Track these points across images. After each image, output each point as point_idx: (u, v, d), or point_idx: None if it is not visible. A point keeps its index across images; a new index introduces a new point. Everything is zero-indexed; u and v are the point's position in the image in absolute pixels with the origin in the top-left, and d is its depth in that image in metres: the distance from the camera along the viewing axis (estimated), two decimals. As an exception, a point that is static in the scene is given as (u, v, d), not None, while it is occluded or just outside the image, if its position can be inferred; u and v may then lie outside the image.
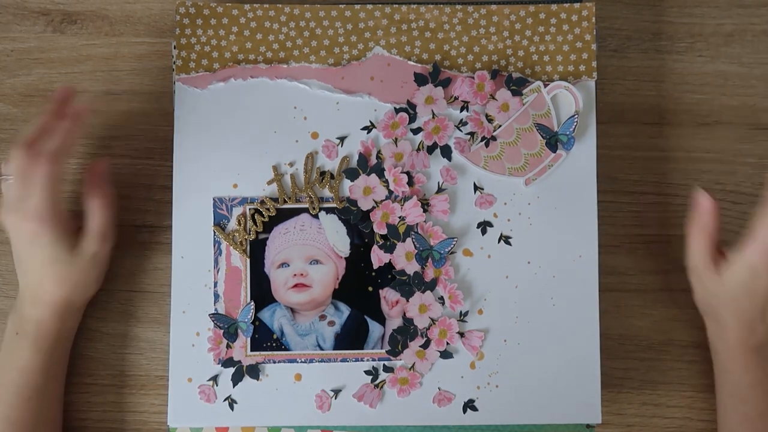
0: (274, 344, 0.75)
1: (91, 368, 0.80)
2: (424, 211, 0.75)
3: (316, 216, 0.76)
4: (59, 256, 0.73)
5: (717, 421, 0.77)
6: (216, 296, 0.75)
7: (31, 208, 0.71)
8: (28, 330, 0.74)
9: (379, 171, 0.76)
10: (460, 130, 0.76)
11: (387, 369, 0.75)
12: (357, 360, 0.75)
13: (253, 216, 0.75)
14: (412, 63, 0.77)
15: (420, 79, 0.76)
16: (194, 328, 0.75)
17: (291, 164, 0.76)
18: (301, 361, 0.75)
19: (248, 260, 0.75)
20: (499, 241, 0.76)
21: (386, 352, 0.75)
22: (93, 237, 0.74)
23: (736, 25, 0.82)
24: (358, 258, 0.76)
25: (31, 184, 0.70)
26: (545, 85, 0.76)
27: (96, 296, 0.79)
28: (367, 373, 0.75)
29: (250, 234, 0.75)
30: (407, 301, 0.75)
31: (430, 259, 0.75)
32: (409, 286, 0.75)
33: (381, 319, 0.76)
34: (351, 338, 0.75)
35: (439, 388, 0.75)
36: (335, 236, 0.76)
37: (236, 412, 0.75)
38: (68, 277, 0.74)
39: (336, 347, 0.75)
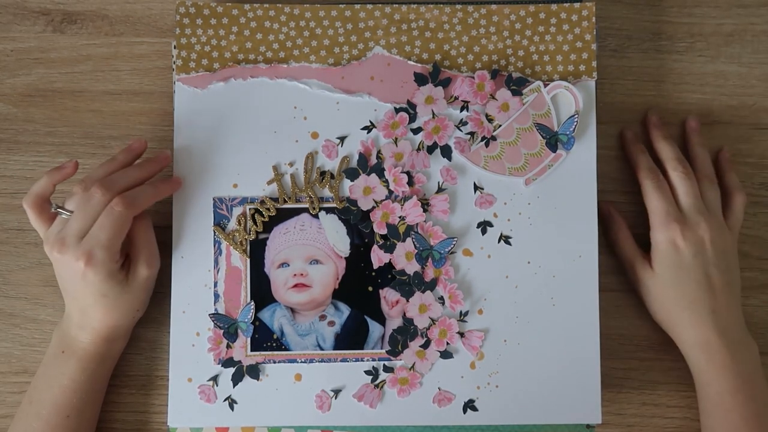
0: (274, 344, 0.75)
1: (91, 368, 0.80)
2: (424, 211, 0.75)
3: (316, 216, 0.76)
4: (110, 291, 0.72)
5: None
6: (216, 296, 0.75)
7: (88, 248, 0.69)
8: (74, 350, 0.74)
9: (379, 171, 0.76)
10: (460, 130, 0.76)
11: (387, 369, 0.75)
12: (357, 360, 0.75)
13: (253, 216, 0.75)
14: (412, 63, 0.77)
15: (420, 79, 0.76)
16: (194, 328, 0.75)
17: (291, 164, 0.76)
18: (301, 361, 0.75)
19: (248, 260, 0.75)
20: (499, 241, 0.76)
21: (386, 352, 0.75)
22: (143, 264, 0.73)
23: (736, 25, 0.82)
24: (358, 258, 0.76)
25: (96, 226, 0.69)
26: (545, 85, 0.76)
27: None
28: (367, 373, 0.75)
29: (250, 234, 0.75)
30: (407, 301, 0.75)
31: (430, 259, 0.75)
32: (409, 286, 0.75)
33: (381, 319, 0.76)
34: (351, 338, 0.75)
35: (439, 388, 0.75)
36: (335, 236, 0.76)
37: (236, 412, 0.75)
38: (118, 307, 0.73)
39: (336, 347, 0.75)
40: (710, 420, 0.74)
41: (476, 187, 0.76)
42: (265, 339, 0.75)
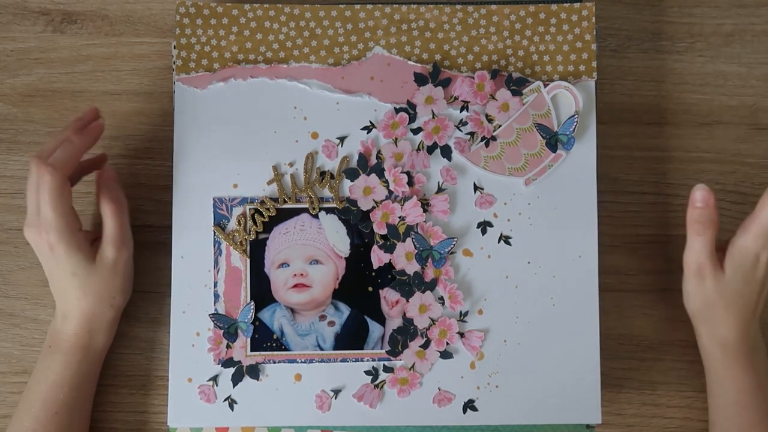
0: (274, 344, 0.75)
1: (91, 368, 0.80)
2: (424, 211, 0.75)
3: (316, 216, 0.76)
4: (77, 268, 0.72)
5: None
6: (216, 296, 0.75)
7: (43, 220, 0.70)
8: (59, 344, 0.75)
9: (379, 171, 0.76)
10: (460, 130, 0.76)
11: (387, 369, 0.75)
12: (357, 360, 0.75)
13: (253, 216, 0.75)
14: (412, 63, 0.77)
15: (420, 79, 0.76)
16: (194, 328, 0.75)
17: (291, 164, 0.76)
18: (301, 361, 0.75)
19: (248, 260, 0.75)
20: (499, 241, 0.76)
21: (386, 352, 0.75)
22: (108, 244, 0.74)
23: (736, 25, 0.82)
24: (358, 258, 0.76)
25: (41, 198, 0.70)
26: (545, 85, 0.76)
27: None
28: (367, 373, 0.75)
29: (250, 234, 0.75)
30: (407, 301, 0.75)
31: (430, 259, 0.75)
32: (409, 286, 0.75)
33: (381, 319, 0.76)
34: (351, 338, 0.75)
35: (439, 388, 0.75)
36: (335, 236, 0.76)
37: (236, 412, 0.75)
38: (89, 289, 0.73)
39: (336, 347, 0.75)
40: (722, 417, 0.74)
41: (476, 188, 0.76)
42: (265, 339, 0.75)
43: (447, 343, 0.75)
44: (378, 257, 0.75)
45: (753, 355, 0.74)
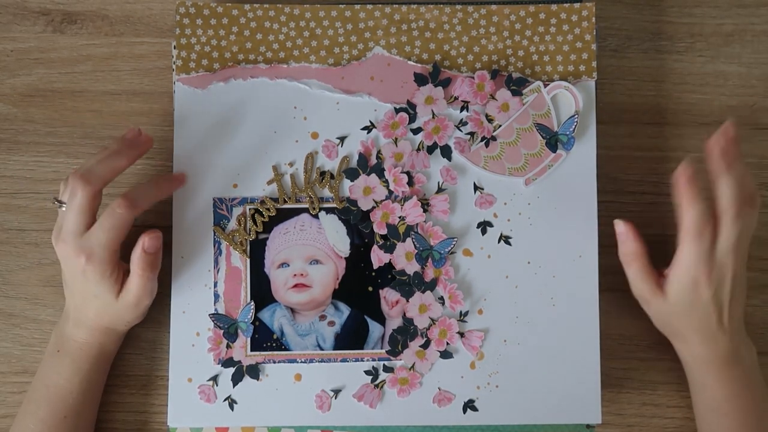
0: (274, 344, 0.75)
1: (91, 368, 0.80)
2: (424, 211, 0.75)
3: (316, 216, 0.76)
4: (103, 295, 0.72)
5: None
6: (216, 296, 0.75)
7: (89, 249, 0.70)
8: (69, 349, 0.75)
9: (379, 171, 0.76)
10: (460, 130, 0.76)
11: (387, 369, 0.75)
12: (357, 360, 0.75)
13: (253, 216, 0.75)
14: (412, 63, 0.77)
15: (420, 79, 0.76)
16: (194, 328, 0.75)
17: (291, 164, 0.76)
18: (301, 361, 0.75)
19: (248, 260, 0.75)
20: (499, 241, 0.76)
21: (386, 352, 0.75)
22: (132, 290, 0.72)
23: (736, 25, 0.82)
24: (358, 258, 0.76)
25: (98, 225, 0.70)
26: (545, 85, 0.76)
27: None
28: (367, 373, 0.75)
29: (250, 234, 0.75)
30: (407, 301, 0.75)
31: (430, 259, 0.75)
32: (409, 286, 0.75)
33: (381, 319, 0.76)
34: (351, 338, 0.75)
35: (439, 388, 0.75)
36: (335, 236, 0.76)
37: (236, 412, 0.75)
38: (108, 313, 0.73)
39: (336, 347, 0.75)
40: (705, 424, 0.75)
41: (476, 187, 0.76)
42: (265, 339, 0.75)
43: (447, 343, 0.75)
44: (378, 257, 0.75)
45: (728, 366, 0.73)
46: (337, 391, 0.75)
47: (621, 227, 0.73)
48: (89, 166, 0.70)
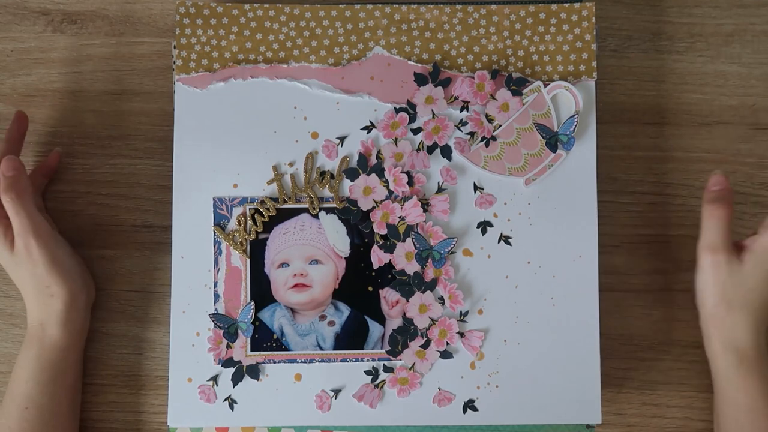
0: (274, 344, 0.75)
1: (91, 368, 0.80)
2: (424, 211, 0.75)
3: (316, 216, 0.76)
4: (3, 255, 0.74)
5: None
6: (216, 296, 0.75)
7: None
8: (27, 338, 0.76)
9: (379, 171, 0.76)
10: (460, 130, 0.76)
11: (387, 369, 0.75)
12: (357, 360, 0.75)
13: (253, 216, 0.75)
14: (412, 63, 0.77)
15: (420, 79, 0.76)
16: (194, 328, 0.75)
17: (291, 164, 0.76)
18: (301, 361, 0.75)
19: (248, 260, 0.75)
20: (499, 241, 0.76)
21: (386, 352, 0.75)
22: (17, 236, 0.73)
23: (736, 25, 0.82)
24: (358, 258, 0.76)
25: None
26: (545, 85, 0.76)
27: (96, 296, 0.79)
28: (367, 373, 0.75)
29: (250, 234, 0.75)
30: (407, 301, 0.75)
31: (430, 259, 0.75)
32: (409, 286, 0.75)
33: (381, 319, 0.76)
34: (351, 338, 0.75)
35: (439, 388, 0.75)
36: (335, 236, 0.76)
37: (236, 412, 0.75)
38: (22, 281, 0.75)
39: (336, 347, 0.75)
40: (733, 425, 0.73)
41: (476, 187, 0.76)
42: (265, 339, 0.75)
43: (447, 343, 0.75)
44: (378, 257, 0.75)
45: (765, 360, 0.72)
46: (337, 391, 0.75)
47: (717, 177, 0.73)
48: None
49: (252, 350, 0.75)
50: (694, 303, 0.76)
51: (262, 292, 0.76)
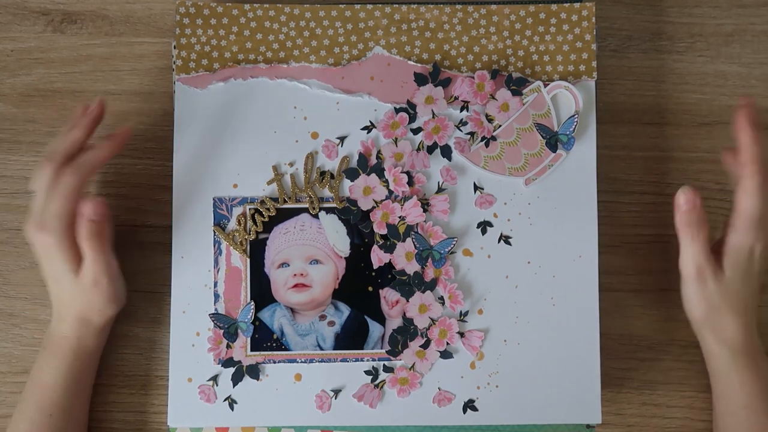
0: (274, 344, 0.75)
1: (91, 368, 0.80)
2: (424, 211, 0.75)
3: (316, 216, 0.76)
4: (64, 274, 0.72)
5: None
6: (216, 296, 0.75)
7: (47, 219, 0.70)
8: (51, 345, 0.75)
9: (379, 171, 0.76)
10: (460, 130, 0.76)
11: (387, 369, 0.75)
12: (357, 360, 0.75)
13: (253, 216, 0.75)
14: (412, 63, 0.77)
15: (420, 79, 0.76)
16: (194, 328, 0.75)
17: (291, 164, 0.76)
18: (301, 361, 0.75)
19: (248, 260, 0.75)
20: (499, 241, 0.76)
21: (386, 352, 0.75)
22: (89, 265, 0.71)
23: (736, 25, 0.82)
24: (358, 258, 0.76)
25: (51, 196, 0.70)
26: (545, 85, 0.76)
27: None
28: (367, 373, 0.75)
29: (250, 234, 0.75)
30: (407, 301, 0.75)
31: (430, 259, 0.75)
32: (409, 286, 0.75)
33: (381, 319, 0.76)
34: (351, 338, 0.75)
35: (439, 388, 0.75)
36: (335, 236, 0.76)
37: (236, 412, 0.75)
38: (76, 297, 0.73)
39: (336, 347, 0.75)
40: (731, 422, 0.74)
41: (476, 187, 0.76)
42: (265, 339, 0.75)
43: (447, 343, 0.75)
44: (378, 257, 0.75)
45: (758, 357, 0.73)
46: (337, 391, 0.75)
47: (687, 194, 0.71)
48: (49, 146, 0.72)
49: (252, 350, 0.75)
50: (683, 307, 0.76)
51: (262, 292, 0.76)
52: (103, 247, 0.71)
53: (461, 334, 0.75)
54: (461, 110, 0.76)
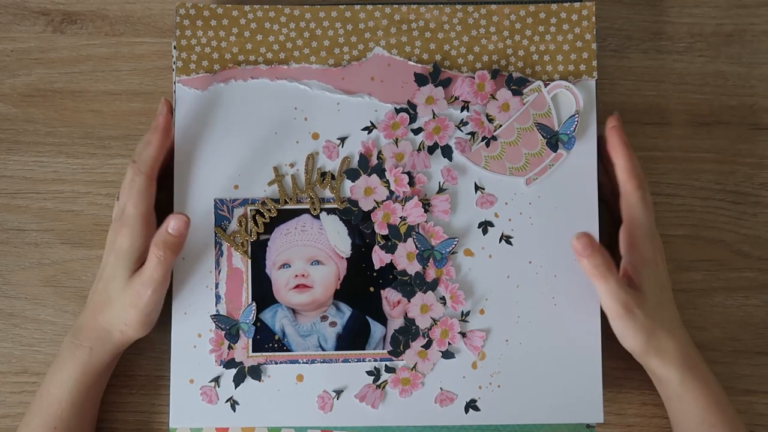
0: (275, 345, 0.75)
1: (92, 369, 0.80)
2: (425, 211, 0.75)
3: (317, 217, 0.76)
4: (121, 271, 0.72)
5: None
6: (217, 297, 0.75)
7: (123, 219, 0.72)
8: (63, 354, 0.74)
9: (380, 171, 0.76)
10: (461, 130, 0.76)
11: (389, 369, 0.75)
12: (359, 360, 0.75)
13: (254, 217, 0.75)
14: (412, 63, 0.77)
15: (420, 79, 0.76)
16: (196, 329, 0.75)
17: (292, 165, 0.76)
18: (303, 362, 0.75)
19: (249, 261, 0.75)
20: (500, 241, 0.76)
21: (388, 352, 0.75)
22: (143, 277, 0.71)
23: (736, 25, 0.82)
24: (359, 258, 0.76)
25: (128, 197, 0.72)
26: (546, 85, 0.76)
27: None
28: (369, 373, 0.75)
29: (251, 235, 0.75)
30: (409, 301, 0.75)
31: (431, 259, 0.75)
32: (411, 286, 0.75)
33: (383, 320, 0.76)
34: (352, 339, 0.75)
35: (440, 388, 0.75)
36: (336, 237, 0.76)
37: (238, 413, 0.75)
38: (114, 301, 0.72)
39: (338, 348, 0.75)
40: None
41: (477, 187, 0.76)
42: (266, 340, 0.75)
43: (449, 343, 0.75)
44: (379, 257, 0.76)
45: (702, 367, 0.73)
46: (339, 392, 0.75)
47: (582, 241, 0.70)
48: (136, 150, 0.75)
49: (253, 351, 0.75)
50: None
51: (263, 293, 0.76)
52: (168, 260, 0.71)
53: (463, 334, 0.75)
54: (462, 110, 0.76)
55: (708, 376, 0.73)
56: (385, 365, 0.75)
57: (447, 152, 0.76)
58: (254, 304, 0.75)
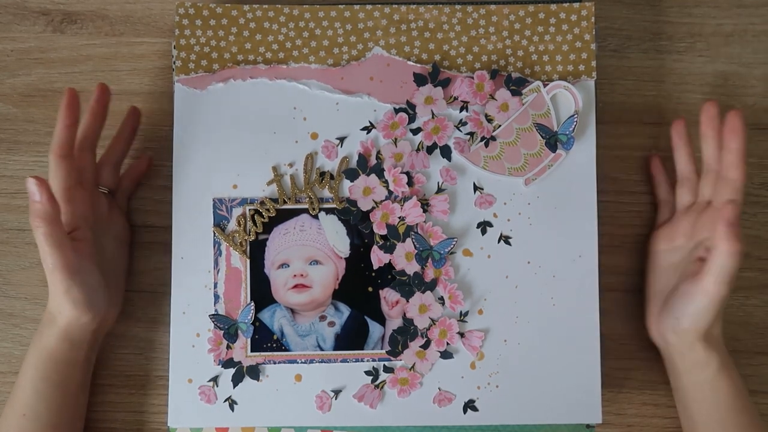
0: (274, 345, 0.75)
1: (91, 368, 0.80)
2: (424, 211, 0.75)
3: (315, 216, 0.76)
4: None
5: None
6: (216, 297, 0.75)
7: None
8: (37, 348, 0.73)
9: (378, 171, 0.76)
10: (460, 130, 0.76)
11: (387, 369, 0.75)
12: (357, 360, 0.75)
13: (252, 217, 0.75)
14: (411, 63, 0.77)
15: (419, 80, 0.76)
16: (194, 329, 0.75)
17: (291, 165, 0.76)
18: (302, 362, 0.75)
19: (248, 261, 0.75)
20: (499, 241, 0.76)
21: (386, 352, 0.75)
22: (44, 265, 0.69)
23: (736, 25, 0.82)
24: (358, 258, 0.76)
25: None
26: (545, 85, 0.76)
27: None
28: (368, 373, 0.75)
29: (249, 235, 0.75)
30: (407, 301, 0.75)
31: (430, 259, 0.75)
32: (409, 286, 0.75)
33: (381, 320, 0.76)
34: (351, 339, 0.75)
35: (439, 389, 0.75)
36: (335, 237, 0.76)
37: (236, 412, 0.75)
38: (51, 291, 0.71)
39: (336, 348, 0.75)
40: (720, 428, 0.73)
41: (476, 188, 0.76)
42: (265, 340, 0.75)
43: (447, 343, 0.75)
44: (378, 257, 0.75)
45: (727, 354, 0.74)
46: (337, 392, 0.75)
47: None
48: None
49: (252, 351, 0.75)
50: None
51: (262, 293, 0.76)
52: (48, 232, 0.67)
53: (461, 335, 0.75)
54: (461, 110, 0.76)
55: (732, 362, 0.74)
56: (384, 365, 0.75)
57: (446, 152, 0.76)
58: (253, 303, 0.75)
